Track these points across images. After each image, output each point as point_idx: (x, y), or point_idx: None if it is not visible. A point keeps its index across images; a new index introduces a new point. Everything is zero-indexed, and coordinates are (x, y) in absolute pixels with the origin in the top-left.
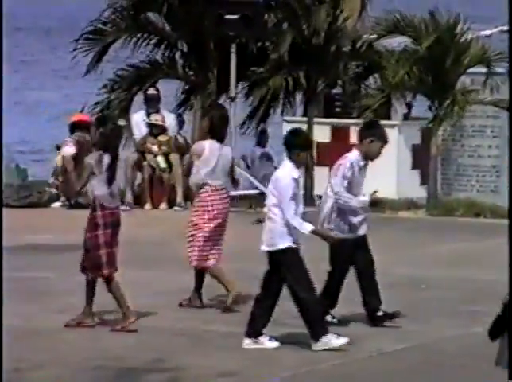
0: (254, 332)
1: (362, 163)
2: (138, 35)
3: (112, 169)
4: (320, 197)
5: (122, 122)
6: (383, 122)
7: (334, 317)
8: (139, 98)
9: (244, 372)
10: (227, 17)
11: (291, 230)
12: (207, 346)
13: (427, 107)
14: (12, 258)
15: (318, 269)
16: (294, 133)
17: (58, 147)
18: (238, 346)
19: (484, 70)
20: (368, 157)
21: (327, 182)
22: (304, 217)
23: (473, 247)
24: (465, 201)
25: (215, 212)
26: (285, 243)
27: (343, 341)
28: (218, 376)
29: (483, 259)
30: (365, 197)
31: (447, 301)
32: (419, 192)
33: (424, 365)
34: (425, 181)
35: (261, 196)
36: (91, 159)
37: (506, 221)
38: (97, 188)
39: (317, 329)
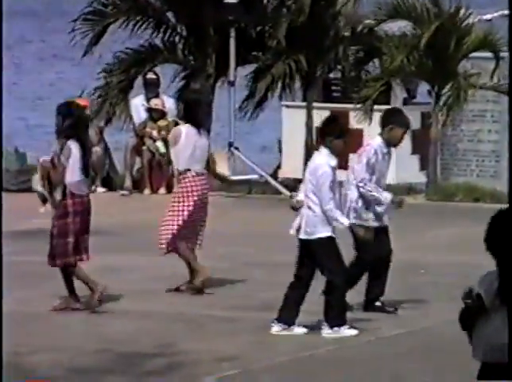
0: (286, 320)
1: (385, 150)
2: (138, 17)
3: (84, 157)
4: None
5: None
6: (382, 107)
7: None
8: (138, 83)
9: (243, 357)
10: (227, 1)
11: (329, 219)
12: (205, 331)
13: (427, 92)
14: (10, 242)
15: None
16: (330, 120)
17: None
18: (236, 331)
19: (485, 55)
20: (390, 143)
21: (350, 169)
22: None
23: (472, 232)
24: (464, 186)
25: (195, 197)
26: (323, 232)
27: (353, 332)
28: (217, 361)
29: (483, 243)
30: (389, 195)
31: (446, 286)
32: (418, 178)
33: (423, 350)
34: (425, 166)
35: (261, 180)
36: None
37: (505, 206)
38: (68, 176)
39: (337, 317)
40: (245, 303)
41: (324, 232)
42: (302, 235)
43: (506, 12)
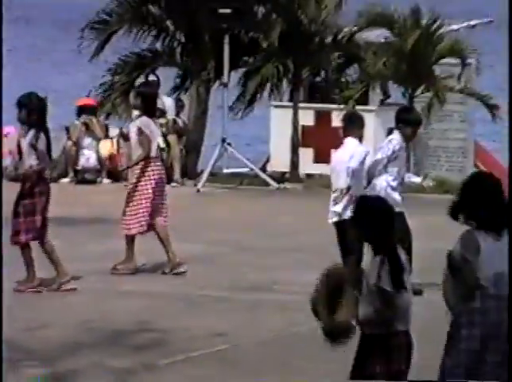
0: None
1: (403, 144)
2: (140, 26)
3: (49, 143)
4: (308, 176)
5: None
6: (361, 107)
7: None
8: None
9: (234, 333)
10: (221, 10)
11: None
12: (200, 309)
13: (401, 94)
14: None
15: None
16: (405, 109)
17: (67, 129)
18: (228, 309)
19: (453, 61)
20: (404, 139)
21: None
22: None
23: (441, 220)
24: (435, 179)
25: (157, 176)
26: None
27: None
28: (211, 336)
29: (450, 231)
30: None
31: (420, 272)
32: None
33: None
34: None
35: (251, 173)
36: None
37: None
38: (39, 161)
39: None
40: (235, 285)
41: None
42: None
43: (472, 23)
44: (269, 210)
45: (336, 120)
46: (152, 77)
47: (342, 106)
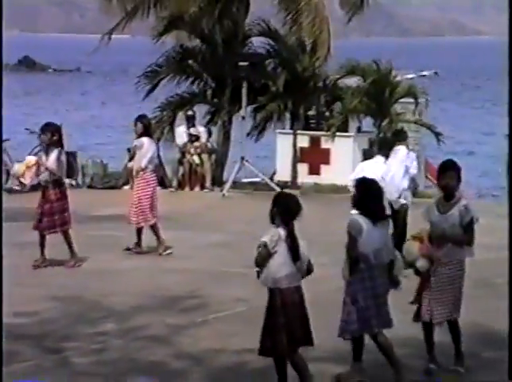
0: None
1: None
2: (181, 75)
3: (69, 159)
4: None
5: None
6: (342, 134)
7: None
8: (181, 116)
9: (251, 299)
10: (240, 64)
11: None
12: (225, 282)
13: (372, 124)
14: (95, 223)
15: None
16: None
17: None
18: (246, 282)
19: (409, 100)
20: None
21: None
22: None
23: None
24: None
25: (154, 185)
26: None
27: None
28: (234, 301)
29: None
30: None
31: None
32: None
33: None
34: None
35: (263, 182)
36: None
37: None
38: (63, 173)
39: None
40: (251, 264)
41: None
42: None
43: (425, 73)
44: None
45: (324, 143)
46: (190, 112)
47: (328, 132)
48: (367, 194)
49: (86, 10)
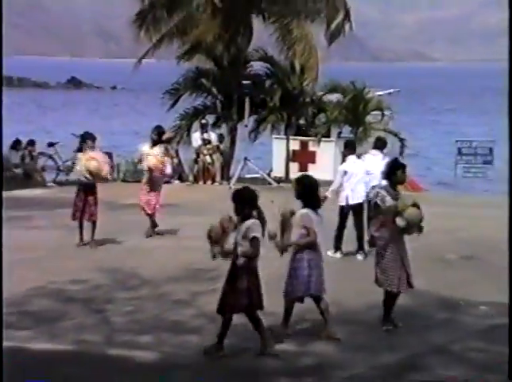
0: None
1: None
2: (196, 91)
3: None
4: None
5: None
6: (326, 139)
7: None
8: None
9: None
10: (244, 82)
11: None
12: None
13: (349, 131)
14: (126, 209)
15: None
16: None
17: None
18: None
19: (378, 113)
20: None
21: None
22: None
23: None
24: None
25: (159, 183)
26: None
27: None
28: None
29: None
30: None
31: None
32: None
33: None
34: None
35: (261, 177)
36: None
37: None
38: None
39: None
40: None
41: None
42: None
43: (389, 91)
44: (270, 199)
45: (311, 146)
46: (203, 121)
47: (314, 138)
48: (309, 188)
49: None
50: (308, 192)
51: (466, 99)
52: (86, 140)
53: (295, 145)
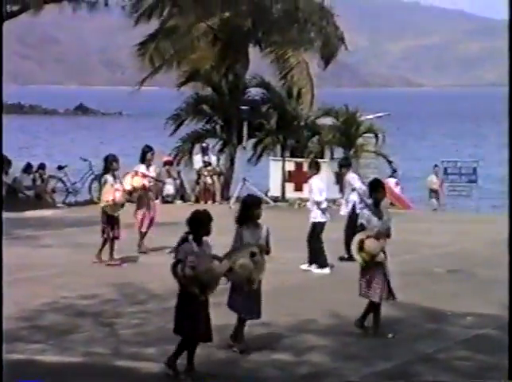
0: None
1: None
2: (198, 116)
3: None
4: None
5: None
6: (320, 160)
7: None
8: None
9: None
10: (242, 107)
11: None
12: None
13: (342, 153)
14: (130, 228)
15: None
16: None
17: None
18: None
19: (370, 135)
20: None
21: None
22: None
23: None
24: None
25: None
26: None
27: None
28: None
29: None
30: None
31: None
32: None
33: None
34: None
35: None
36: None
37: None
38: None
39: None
40: None
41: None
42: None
43: (379, 114)
44: (268, 217)
45: (306, 167)
46: (204, 144)
47: (309, 159)
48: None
49: (126, 68)
50: (246, 211)
51: (451, 123)
52: (112, 162)
53: (290, 166)
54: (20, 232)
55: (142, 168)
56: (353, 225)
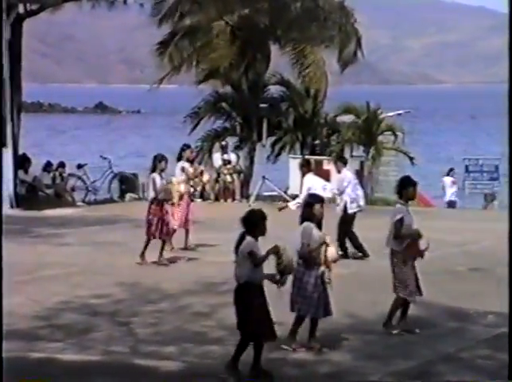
0: None
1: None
2: (217, 114)
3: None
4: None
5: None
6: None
7: None
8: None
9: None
10: (261, 105)
11: None
12: None
13: (362, 151)
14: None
15: None
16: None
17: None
18: (270, 269)
19: (390, 133)
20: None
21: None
22: None
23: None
24: (382, 198)
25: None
26: None
27: None
28: None
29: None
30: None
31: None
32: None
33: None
34: (362, 186)
35: (279, 194)
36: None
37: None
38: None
39: None
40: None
41: None
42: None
43: (399, 112)
44: (287, 214)
45: (326, 165)
46: (223, 142)
47: (329, 157)
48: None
49: (145, 67)
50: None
51: (471, 120)
52: (160, 161)
53: None
54: (40, 231)
55: (187, 165)
56: (345, 224)
